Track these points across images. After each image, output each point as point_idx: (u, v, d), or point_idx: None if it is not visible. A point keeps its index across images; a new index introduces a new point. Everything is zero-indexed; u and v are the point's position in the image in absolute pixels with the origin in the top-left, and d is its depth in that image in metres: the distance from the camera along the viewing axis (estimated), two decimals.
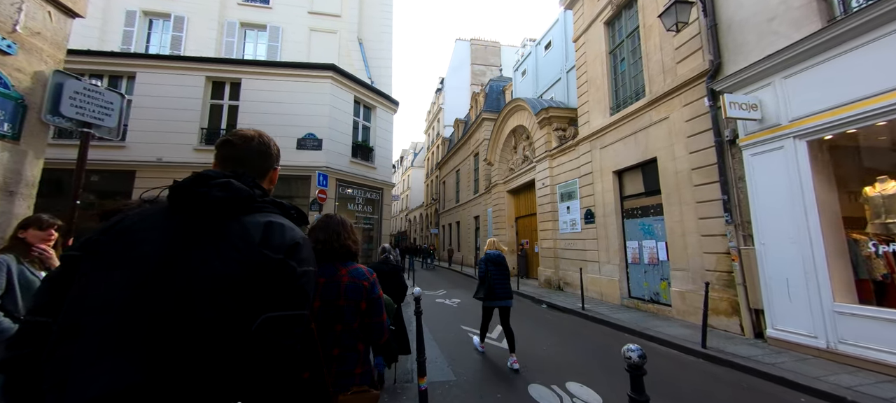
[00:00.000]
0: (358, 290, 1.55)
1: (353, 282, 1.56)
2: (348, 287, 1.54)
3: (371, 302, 1.59)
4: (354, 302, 1.54)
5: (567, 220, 11.18)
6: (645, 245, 8.09)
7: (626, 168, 8.68)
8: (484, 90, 22.81)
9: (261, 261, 0.83)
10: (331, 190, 10.76)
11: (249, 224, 0.87)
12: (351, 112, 11.77)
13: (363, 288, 1.57)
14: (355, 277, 1.58)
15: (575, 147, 10.83)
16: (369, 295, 1.59)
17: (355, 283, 1.56)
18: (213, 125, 10.67)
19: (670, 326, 6.41)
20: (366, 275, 1.62)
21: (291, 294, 0.87)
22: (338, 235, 1.64)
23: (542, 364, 4.82)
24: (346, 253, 1.64)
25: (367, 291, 1.58)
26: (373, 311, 1.59)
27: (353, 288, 1.55)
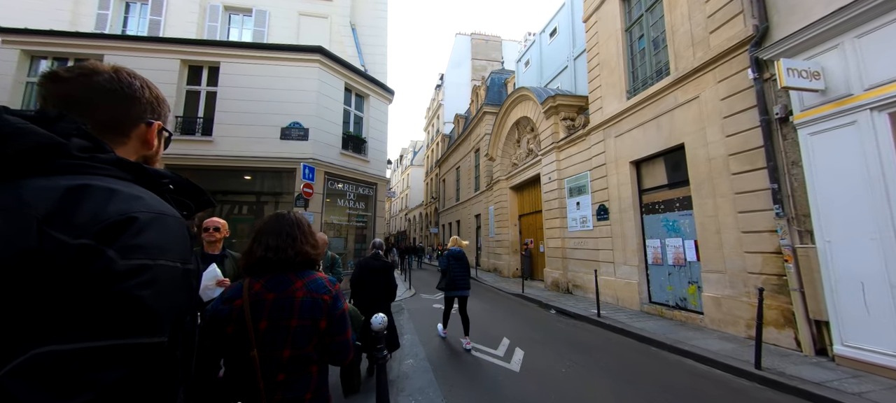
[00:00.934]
0: (316, 307, 1.30)
1: (310, 298, 1.30)
2: (304, 303, 1.29)
3: (333, 320, 1.33)
4: (311, 322, 1.28)
5: (577, 217, 10.24)
6: (669, 243, 7.15)
7: (645, 157, 7.74)
8: (485, 83, 21.88)
9: (34, 248, 0.50)
10: (318, 184, 9.83)
11: (31, 189, 0.54)
12: (341, 100, 10.84)
13: (323, 303, 1.32)
14: (314, 290, 1.32)
15: (585, 137, 9.89)
16: (331, 311, 1.33)
17: (313, 299, 1.30)
18: (189, 113, 9.75)
19: (706, 338, 5.47)
20: (327, 288, 1.36)
21: (100, 306, 0.50)
22: (293, 240, 1.36)
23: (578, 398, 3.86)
24: (303, 261, 1.36)
25: (329, 307, 1.33)
26: (336, 329, 1.34)
27: (311, 304, 1.30)
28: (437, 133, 35.00)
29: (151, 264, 0.56)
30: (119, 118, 0.73)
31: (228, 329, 1.21)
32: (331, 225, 10.76)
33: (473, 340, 5.47)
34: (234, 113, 9.52)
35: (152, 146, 0.79)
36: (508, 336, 5.73)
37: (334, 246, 10.88)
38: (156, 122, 0.79)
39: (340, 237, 11.27)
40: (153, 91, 0.80)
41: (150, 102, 0.79)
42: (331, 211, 10.64)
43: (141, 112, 0.76)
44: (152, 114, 0.79)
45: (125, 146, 0.74)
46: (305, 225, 1.45)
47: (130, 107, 0.74)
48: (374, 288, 4.08)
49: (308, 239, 1.41)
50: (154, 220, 0.60)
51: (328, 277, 1.42)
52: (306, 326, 1.26)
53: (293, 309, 1.26)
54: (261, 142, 9.50)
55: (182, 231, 0.66)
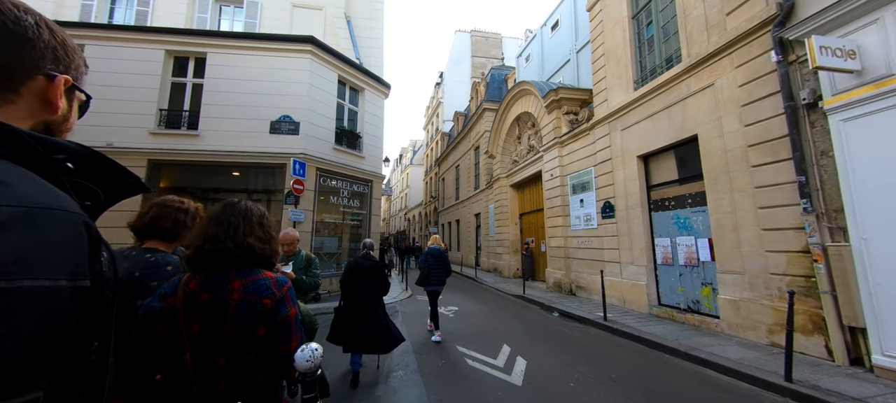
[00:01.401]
0: (253, 311, 1.10)
1: (246, 301, 1.10)
2: (239, 306, 1.09)
3: (274, 327, 1.12)
4: (247, 328, 1.08)
5: (580, 215, 9.80)
6: (680, 242, 6.70)
7: (654, 151, 7.29)
8: (485, 79, 21.43)
9: None
10: (310, 180, 9.40)
11: None
12: (334, 93, 10.40)
13: (262, 308, 1.11)
14: (252, 292, 1.12)
15: (590, 131, 9.44)
16: (272, 316, 1.12)
17: (250, 302, 1.10)
18: (174, 106, 9.31)
19: (724, 345, 5.03)
20: (270, 290, 1.14)
21: None
22: (235, 230, 1.16)
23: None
24: (245, 255, 1.15)
25: (269, 312, 1.12)
26: (276, 338, 1.13)
27: (246, 308, 1.10)
28: (437, 131, 34.55)
29: (7, 288, 0.37)
30: (3, 65, 0.52)
31: (158, 328, 1.08)
32: (324, 223, 10.32)
33: (472, 347, 5.05)
34: (222, 106, 9.08)
35: (56, 108, 0.58)
36: (509, 342, 5.29)
37: (327, 245, 10.46)
38: (61, 76, 0.57)
39: (335, 236, 10.84)
40: (57, 34, 0.58)
41: (52, 48, 0.57)
42: (324, 209, 10.20)
43: (36, 58, 0.55)
44: (55, 64, 0.57)
45: (13, 106, 0.53)
46: (257, 215, 1.26)
47: (19, 50, 0.53)
48: (366, 289, 3.96)
49: (254, 231, 1.21)
50: (19, 219, 0.41)
51: (277, 277, 1.21)
52: (241, 333, 1.09)
53: (227, 312, 1.10)
54: (249, 136, 9.06)
55: (70, 230, 0.46)
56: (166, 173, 9.52)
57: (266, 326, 1.12)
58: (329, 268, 10.38)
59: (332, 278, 9.99)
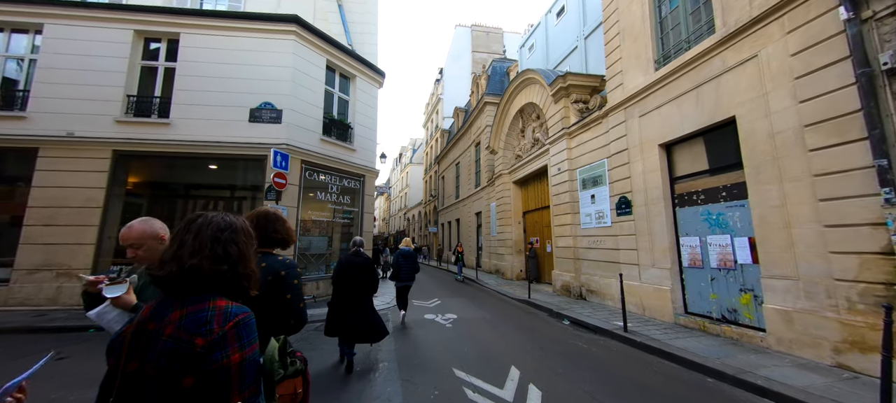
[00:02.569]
0: (177, 354, 0.84)
1: (174, 337, 0.85)
2: (166, 346, 0.85)
3: (204, 378, 0.83)
4: (168, 375, 0.82)
5: (591, 212, 8.92)
6: (712, 241, 5.82)
7: (679, 139, 6.41)
8: (486, 72, 20.56)
9: None
10: (294, 174, 8.54)
11: None
12: (322, 79, 9.54)
13: (190, 349, 0.84)
14: (185, 327, 0.87)
15: (602, 119, 8.56)
16: (201, 363, 0.83)
17: (177, 340, 0.85)
18: (144, 91, 8.46)
19: (777, 366, 4.15)
20: (207, 325, 0.87)
21: None
22: (180, 247, 0.97)
23: None
24: (190, 279, 0.94)
25: (198, 356, 0.84)
26: (208, 395, 0.83)
27: (171, 348, 0.84)
28: (437, 128, 33.72)
29: None
30: None
31: (109, 362, 0.92)
32: (312, 222, 9.45)
33: (472, 370, 4.18)
34: (196, 92, 8.23)
35: None
36: (517, 363, 4.41)
37: (315, 245, 9.61)
38: None
39: (324, 235, 9.98)
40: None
41: None
42: (310, 206, 9.34)
43: None
44: None
45: None
46: (213, 228, 1.01)
47: None
48: (356, 285, 4.25)
49: (204, 250, 0.96)
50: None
51: (229, 307, 0.93)
52: (161, 380, 0.82)
53: (155, 349, 0.86)
54: (226, 125, 8.20)
55: None
56: (136, 167, 8.67)
57: (194, 375, 0.83)
58: (318, 270, 9.52)
59: (318, 281, 9.12)
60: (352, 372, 4.09)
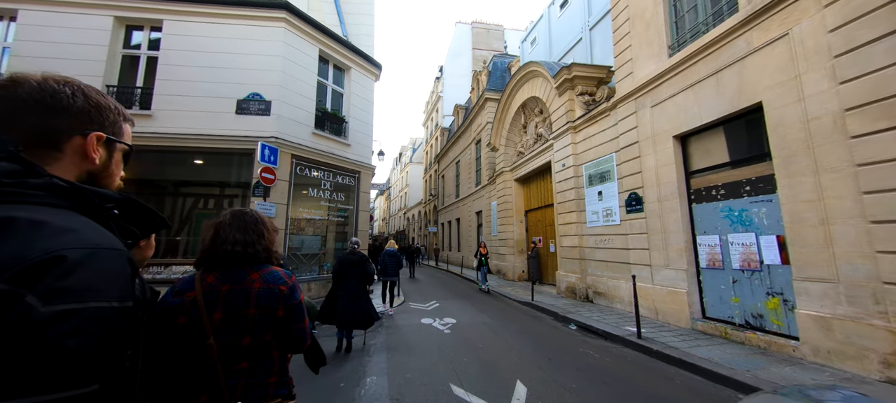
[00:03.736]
0: (274, 296, 1.30)
1: (267, 288, 1.30)
2: (261, 293, 1.28)
3: (290, 309, 1.33)
4: (269, 310, 1.28)
5: (598, 210, 8.44)
6: (733, 240, 5.34)
7: (696, 129, 5.93)
8: (487, 67, 20.08)
9: None
10: (284, 169, 8.07)
11: None
12: (314, 70, 9.07)
13: (280, 293, 1.31)
14: (270, 282, 1.31)
15: (610, 111, 8.09)
16: (288, 300, 1.33)
17: (270, 289, 1.30)
18: (125, 81, 8.00)
19: (816, 379, 3.67)
20: (283, 279, 1.35)
21: (19, 359, 0.46)
22: (260, 237, 1.37)
23: None
24: (266, 257, 1.37)
25: (286, 297, 1.32)
26: (292, 318, 1.34)
27: (268, 294, 1.29)
28: (436, 127, 33.26)
29: (80, 309, 0.51)
30: (47, 131, 0.66)
31: (180, 320, 1.19)
32: (302, 220, 8.99)
33: (473, 387, 3.71)
34: (180, 82, 7.76)
35: (93, 160, 0.70)
36: (524, 377, 3.93)
37: (308, 245, 9.14)
38: (93, 133, 0.70)
39: (317, 235, 9.51)
40: (91, 98, 0.71)
41: (85, 111, 0.70)
42: (302, 203, 8.88)
43: (72, 123, 0.68)
44: (89, 124, 0.70)
45: (61, 162, 0.67)
46: (270, 223, 1.44)
47: (57, 119, 0.66)
48: (353, 278, 4.83)
49: (268, 236, 1.40)
50: (87, 257, 0.55)
51: (284, 271, 1.40)
52: (264, 315, 1.26)
53: (250, 298, 1.25)
54: (212, 117, 7.74)
55: (121, 264, 0.59)
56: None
57: (284, 309, 1.30)
58: (311, 271, 9.05)
59: (310, 283, 8.65)
60: (351, 352, 4.80)
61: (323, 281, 9.02)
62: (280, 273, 1.35)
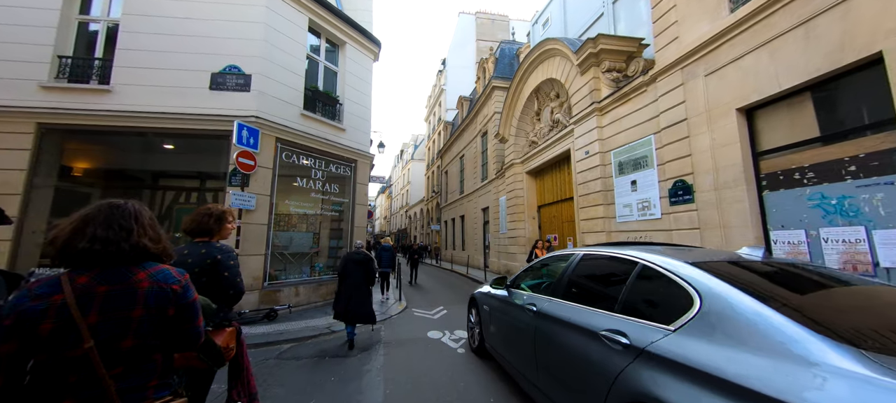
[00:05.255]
0: (164, 296, 1.23)
1: (156, 287, 1.23)
2: (150, 293, 1.21)
3: (183, 308, 1.28)
4: (159, 311, 1.21)
5: (631, 202, 7.27)
6: (829, 235, 4.17)
7: (771, 98, 4.75)
8: (494, 54, 18.90)
9: None
10: (267, 154, 6.94)
11: None
12: (304, 42, 7.93)
13: (172, 293, 1.26)
14: (160, 281, 1.25)
15: (648, 86, 6.91)
16: (181, 299, 1.28)
17: (161, 288, 1.23)
18: (80, 53, 6.87)
19: None
20: (175, 278, 1.29)
21: None
22: (128, 233, 1.24)
23: None
24: (140, 254, 1.26)
25: (179, 295, 1.27)
26: (185, 317, 1.30)
27: (158, 294, 1.22)
28: (439, 121, 32.15)
29: None
30: None
31: (45, 325, 1.07)
32: (290, 214, 7.85)
33: None
34: (144, 52, 6.64)
35: None
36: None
37: (297, 243, 8.01)
38: None
39: (309, 232, 8.39)
40: None
41: None
42: (289, 194, 7.74)
43: None
44: None
45: None
46: (146, 217, 1.33)
47: None
48: (356, 275, 5.08)
49: (147, 233, 1.29)
50: None
51: (177, 269, 1.34)
52: (153, 315, 1.20)
53: (136, 299, 1.17)
54: (181, 93, 6.61)
55: None
56: (72, 146, 7.10)
57: (176, 308, 1.25)
58: (299, 272, 7.92)
59: (298, 286, 7.52)
60: (353, 348, 4.89)
61: (313, 284, 7.89)
62: (171, 271, 1.30)
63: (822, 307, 1.64)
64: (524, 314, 3.11)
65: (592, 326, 2.21)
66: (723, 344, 1.54)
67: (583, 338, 2.26)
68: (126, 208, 1.27)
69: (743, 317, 1.55)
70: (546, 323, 2.75)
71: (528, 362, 2.93)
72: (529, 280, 3.66)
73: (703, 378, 1.49)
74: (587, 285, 2.75)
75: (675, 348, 1.67)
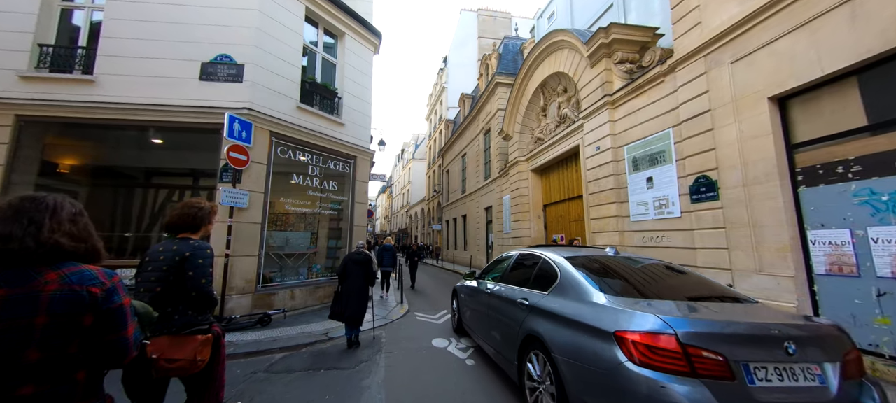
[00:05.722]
0: (77, 301, 1.05)
1: (67, 290, 1.05)
2: (56, 297, 1.03)
3: (104, 316, 1.10)
4: (69, 318, 1.04)
5: (647, 200, 6.86)
6: (878, 235, 3.76)
7: (809, 84, 4.34)
8: (497, 50, 18.48)
9: None
10: (260, 149, 6.54)
11: None
12: (300, 31, 7.53)
13: (89, 297, 1.07)
14: (75, 283, 1.07)
15: (666, 77, 6.50)
16: (103, 305, 1.10)
17: (73, 292, 1.06)
18: (63, 40, 6.48)
19: None
20: (97, 279, 1.12)
21: None
22: (38, 228, 1.08)
23: None
24: (52, 253, 1.08)
25: (99, 300, 1.09)
26: (108, 326, 1.12)
27: (69, 298, 1.04)
28: (440, 120, 31.75)
29: None
30: None
31: None
32: (285, 213, 7.45)
33: None
34: (130, 40, 6.25)
35: None
36: None
37: (293, 243, 7.61)
38: None
39: (308, 231, 8.00)
40: None
41: None
42: (285, 192, 7.34)
43: None
44: None
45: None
46: (66, 212, 1.15)
47: None
48: (357, 276, 4.97)
49: (63, 228, 1.12)
50: None
51: (103, 270, 1.16)
52: (62, 324, 1.03)
53: (39, 304, 1.01)
54: (170, 83, 6.21)
55: None
56: (55, 141, 6.71)
57: (95, 315, 1.08)
58: (296, 275, 7.52)
59: (293, 289, 7.11)
60: (352, 347, 4.89)
61: (310, 286, 7.49)
62: (94, 272, 1.13)
63: (609, 275, 2.91)
64: (483, 296, 4.44)
65: (514, 297, 3.49)
66: (566, 298, 2.77)
67: (510, 305, 3.54)
68: (42, 201, 1.12)
69: (574, 283, 2.81)
70: (494, 300, 4.04)
71: (486, 329, 4.19)
72: (490, 274, 4.80)
73: (555, 317, 2.72)
74: (516, 273, 3.99)
75: (546, 303, 2.93)
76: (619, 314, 2.21)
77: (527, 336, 2.99)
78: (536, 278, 3.35)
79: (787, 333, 1.96)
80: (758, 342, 1.94)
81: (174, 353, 1.74)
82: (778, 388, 1.87)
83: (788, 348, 1.91)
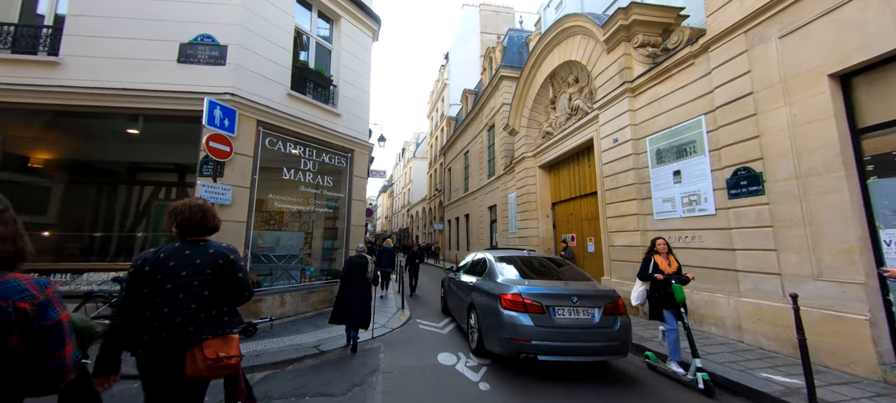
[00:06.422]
0: (2, 318, 0.92)
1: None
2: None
3: (34, 336, 0.97)
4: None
5: (674, 196, 6.20)
6: None
7: (882, 57, 3.67)
8: (501, 43, 17.81)
9: None
10: (246, 140, 5.90)
11: None
12: (291, 11, 6.88)
13: (16, 314, 0.93)
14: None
15: (696, 58, 5.84)
16: (34, 322, 0.96)
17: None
18: (28, 19, 5.85)
19: None
20: (27, 292, 0.97)
21: None
22: None
23: None
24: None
25: (30, 318, 0.96)
26: (37, 348, 0.98)
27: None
28: (442, 117, 31.09)
29: None
30: None
31: None
32: (274, 211, 6.81)
33: None
34: (100, 18, 5.61)
35: None
36: None
37: (285, 243, 6.97)
38: None
39: (301, 231, 7.37)
40: None
41: None
42: (274, 188, 6.69)
43: None
44: None
45: None
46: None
47: None
48: (359, 279, 5.05)
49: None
50: None
51: (33, 279, 1.03)
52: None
53: None
54: (144, 66, 5.57)
55: None
56: (20, 133, 6.09)
57: (23, 334, 0.95)
58: (287, 279, 6.87)
59: (283, 294, 6.46)
60: (349, 348, 4.97)
61: (303, 291, 6.84)
62: (22, 283, 0.98)
63: (513, 266, 4.95)
64: (455, 283, 6.36)
65: (468, 282, 5.45)
66: (490, 279, 4.78)
67: (466, 287, 5.45)
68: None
69: (492, 271, 4.90)
70: (459, 285, 5.97)
71: (458, 307, 5.92)
72: (462, 269, 6.54)
73: (480, 290, 4.81)
74: (472, 267, 5.89)
75: (479, 283, 4.96)
76: (502, 286, 4.34)
77: (469, 304, 5.09)
78: (479, 269, 5.46)
79: (575, 293, 4.07)
80: (559, 297, 4.03)
81: (229, 351, 1.72)
82: (567, 319, 3.94)
83: (573, 300, 4.01)
